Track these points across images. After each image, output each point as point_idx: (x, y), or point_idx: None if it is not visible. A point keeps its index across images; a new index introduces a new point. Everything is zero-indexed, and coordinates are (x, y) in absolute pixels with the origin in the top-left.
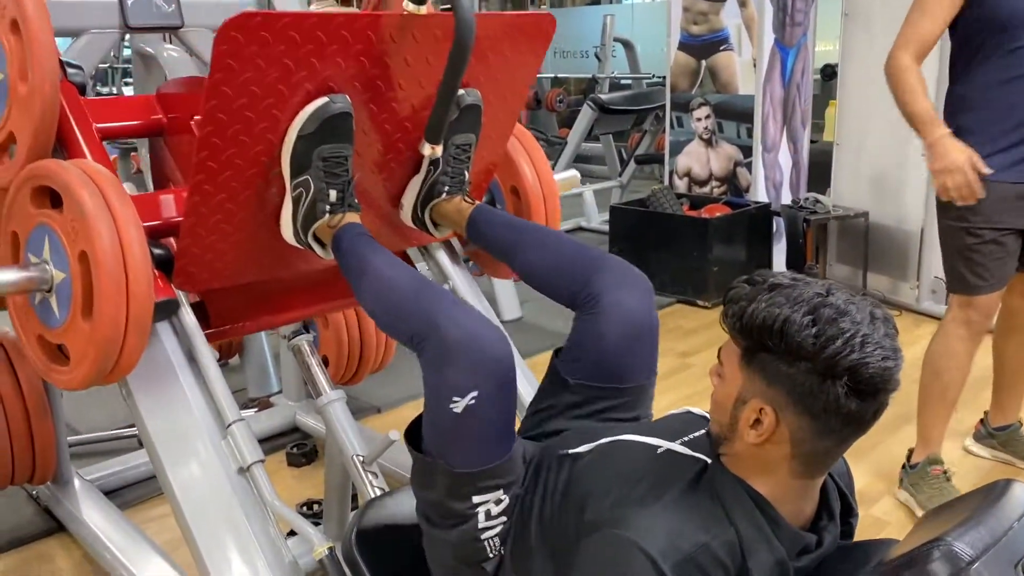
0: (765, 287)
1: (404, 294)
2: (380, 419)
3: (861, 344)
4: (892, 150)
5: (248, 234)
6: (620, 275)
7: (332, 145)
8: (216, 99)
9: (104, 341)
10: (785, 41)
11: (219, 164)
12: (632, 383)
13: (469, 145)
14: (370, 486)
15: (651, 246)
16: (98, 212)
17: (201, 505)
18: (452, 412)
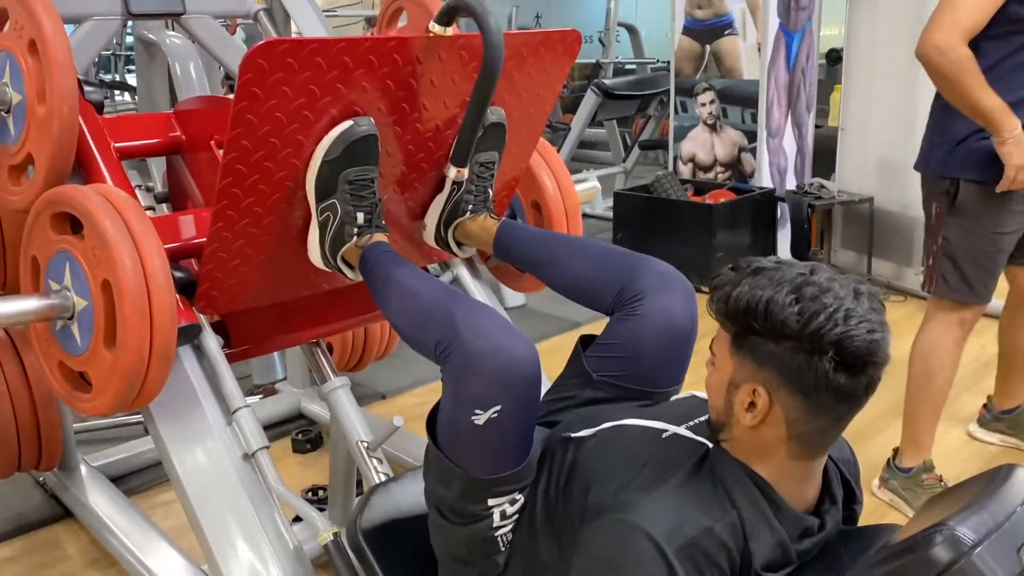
0: (748, 272)
1: (427, 303)
2: (384, 405)
3: (845, 318)
4: (897, 135)
5: (271, 257)
6: (663, 278)
7: (358, 168)
8: (241, 127)
9: (128, 371)
10: (790, 26)
11: (243, 190)
12: (660, 389)
13: (493, 163)
14: (375, 472)
15: (655, 232)
16: (120, 240)
17: (207, 491)
18: (473, 424)
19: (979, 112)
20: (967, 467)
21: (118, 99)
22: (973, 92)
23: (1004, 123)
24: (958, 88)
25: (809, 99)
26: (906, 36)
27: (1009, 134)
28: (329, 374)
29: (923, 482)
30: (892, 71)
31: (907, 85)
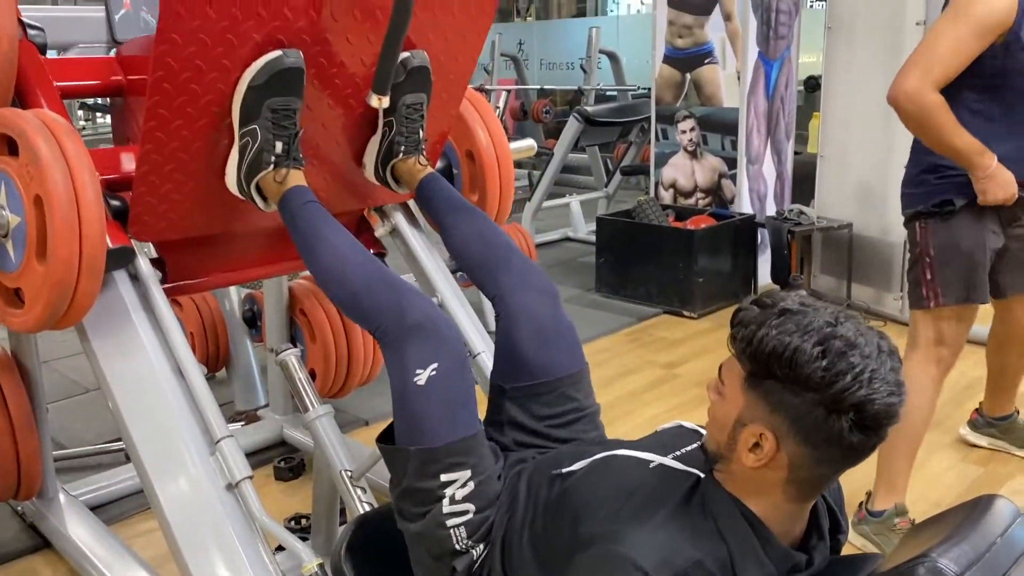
0: (775, 312)
1: (366, 280)
2: (368, 431)
3: (869, 380)
4: (875, 162)
5: (201, 184)
6: (520, 278)
7: (282, 98)
8: (165, 44)
9: (58, 282)
10: (769, 54)
11: (170, 112)
12: (558, 375)
13: (420, 104)
14: (358, 501)
15: (637, 257)
16: (52, 157)
17: (189, 521)
18: (416, 385)
19: (952, 152)
20: (948, 493)
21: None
22: (945, 135)
23: (978, 162)
24: (931, 132)
25: (788, 126)
26: (882, 65)
27: (983, 171)
28: (312, 403)
29: (895, 527)
30: (869, 99)
31: (884, 113)
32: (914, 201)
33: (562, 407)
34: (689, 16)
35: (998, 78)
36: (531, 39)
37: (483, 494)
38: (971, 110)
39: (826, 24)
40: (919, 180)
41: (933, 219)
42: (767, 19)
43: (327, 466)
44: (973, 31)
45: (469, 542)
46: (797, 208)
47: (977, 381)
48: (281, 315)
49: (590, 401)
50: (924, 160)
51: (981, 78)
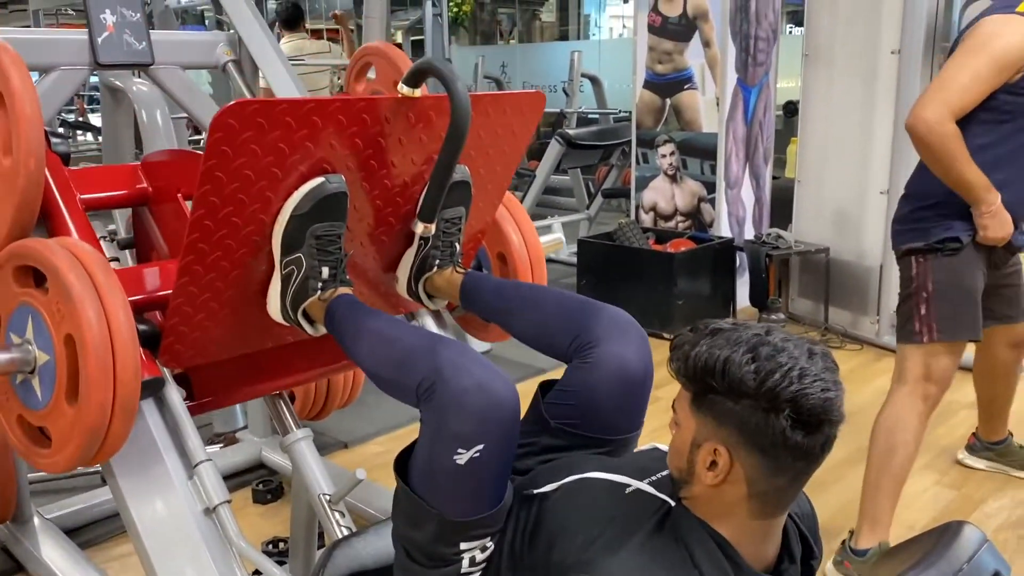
0: (706, 333)
1: (407, 345)
2: (347, 455)
3: (799, 376)
4: (852, 187)
5: (235, 311)
6: (616, 324)
7: (326, 224)
8: (209, 184)
9: (90, 427)
10: (748, 80)
11: (210, 246)
12: (618, 436)
13: (459, 218)
14: (337, 526)
15: (618, 279)
16: (85, 295)
17: (166, 546)
18: (455, 464)
19: (962, 185)
20: (922, 515)
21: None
22: (958, 166)
23: (984, 198)
24: (944, 161)
25: (767, 151)
26: (858, 92)
27: (987, 208)
28: (291, 425)
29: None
30: (846, 125)
31: (861, 139)
32: (913, 237)
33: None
34: (669, 42)
35: (1008, 114)
36: (514, 62)
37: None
38: (977, 144)
39: (804, 52)
40: (919, 216)
41: (933, 255)
42: (746, 46)
43: (305, 490)
44: (991, 66)
45: None
46: (775, 232)
47: (951, 405)
48: None
49: None
50: (923, 196)
51: (992, 112)
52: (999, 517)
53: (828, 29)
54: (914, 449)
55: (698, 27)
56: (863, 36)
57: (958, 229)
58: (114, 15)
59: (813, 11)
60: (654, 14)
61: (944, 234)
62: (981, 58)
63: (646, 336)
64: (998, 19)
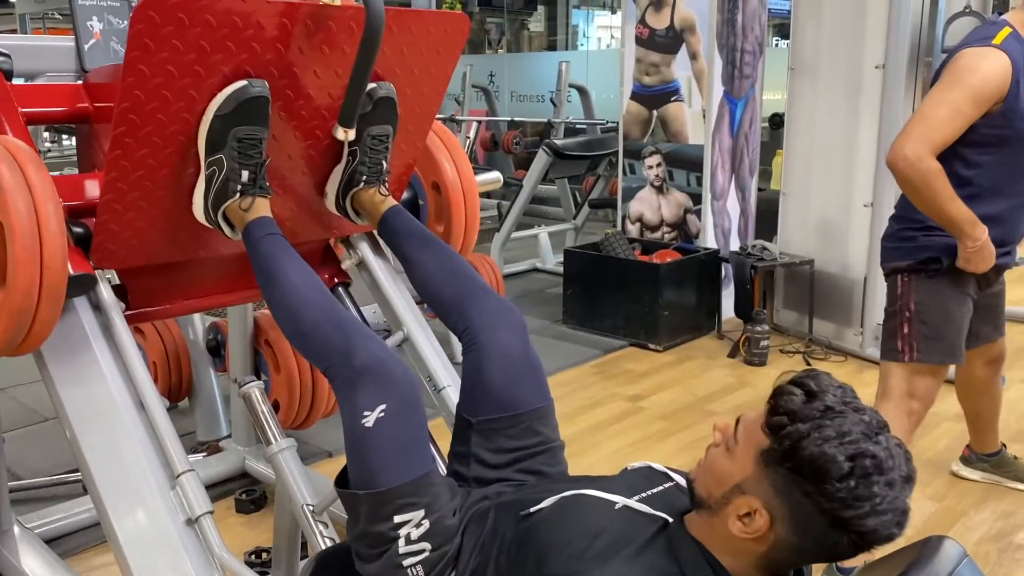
0: (818, 408)
1: (317, 319)
2: (331, 464)
3: (881, 513)
4: (837, 200)
5: (165, 212)
6: (493, 313)
7: (248, 127)
8: (133, 76)
9: (17, 309)
10: (734, 93)
11: (136, 141)
12: (525, 408)
13: (386, 136)
14: (320, 536)
15: (604, 289)
16: (15, 184)
17: (147, 557)
18: (364, 427)
19: (945, 220)
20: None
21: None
22: (940, 201)
23: (970, 233)
24: (926, 197)
25: (752, 164)
26: (843, 106)
27: (972, 243)
28: (275, 436)
29: None
30: (831, 139)
31: (845, 152)
32: (898, 255)
33: (528, 440)
34: (656, 54)
35: (993, 145)
36: (502, 71)
37: (438, 532)
38: (963, 174)
39: (789, 65)
40: (905, 235)
41: (917, 275)
42: (732, 59)
43: (289, 500)
44: (969, 99)
45: None
46: (760, 244)
47: (933, 417)
48: (245, 345)
49: (556, 435)
50: (911, 216)
51: (973, 146)
52: (980, 529)
53: (813, 43)
54: None
55: (685, 40)
56: (848, 50)
57: (939, 251)
58: (101, 22)
59: (799, 25)
60: (641, 26)
61: (926, 254)
62: (959, 92)
63: (522, 321)
64: (975, 52)
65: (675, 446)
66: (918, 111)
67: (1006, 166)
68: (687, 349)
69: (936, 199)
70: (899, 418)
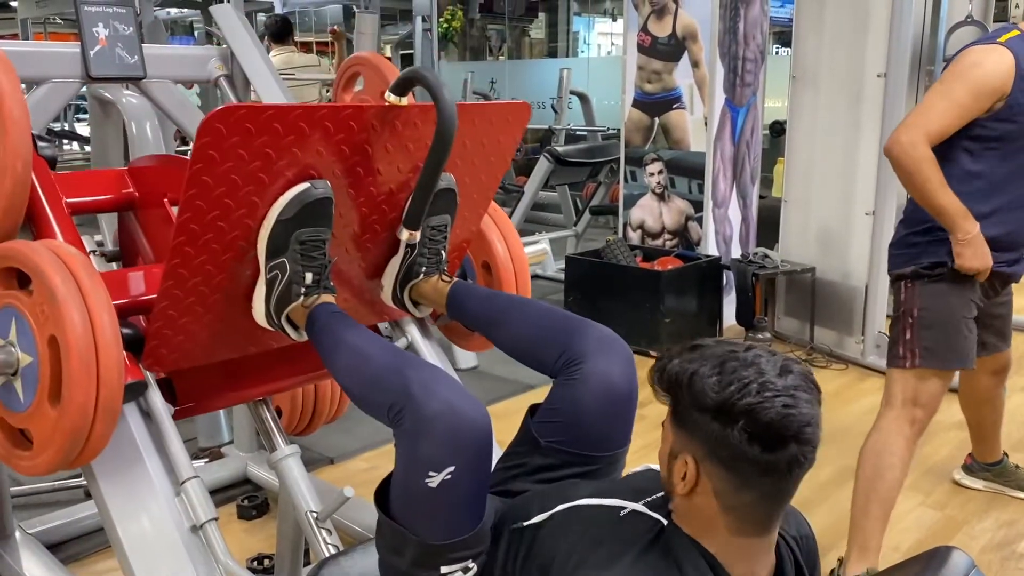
0: (686, 349)
1: (379, 365)
2: (333, 470)
3: (759, 390)
4: (838, 208)
5: (219, 316)
6: (601, 341)
7: (310, 229)
8: (196, 188)
9: (72, 428)
10: (735, 101)
11: (196, 249)
12: (607, 452)
13: (445, 226)
14: (324, 543)
15: (605, 296)
16: (69, 297)
17: (152, 563)
18: (427, 487)
19: (936, 209)
20: (906, 537)
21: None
22: (932, 189)
23: (960, 224)
24: (918, 184)
25: (753, 171)
26: (845, 114)
27: (964, 235)
28: (279, 442)
29: None
30: (832, 147)
31: (847, 160)
32: (902, 261)
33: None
34: (658, 62)
35: (995, 141)
36: (503, 78)
37: (479, 570)
38: (969, 168)
39: (791, 73)
40: (909, 241)
41: (920, 280)
42: (734, 67)
43: (292, 507)
44: (969, 92)
45: None
46: (762, 251)
47: (937, 425)
48: None
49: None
50: (916, 222)
51: (978, 141)
52: (983, 538)
53: (815, 51)
54: (901, 473)
55: (687, 47)
56: (849, 59)
57: (944, 254)
58: (107, 29)
59: (800, 33)
60: (644, 34)
61: (930, 259)
62: (959, 85)
63: (631, 353)
64: (980, 48)
65: None
66: (920, 103)
67: (1012, 163)
68: None
69: (926, 185)
70: (902, 426)
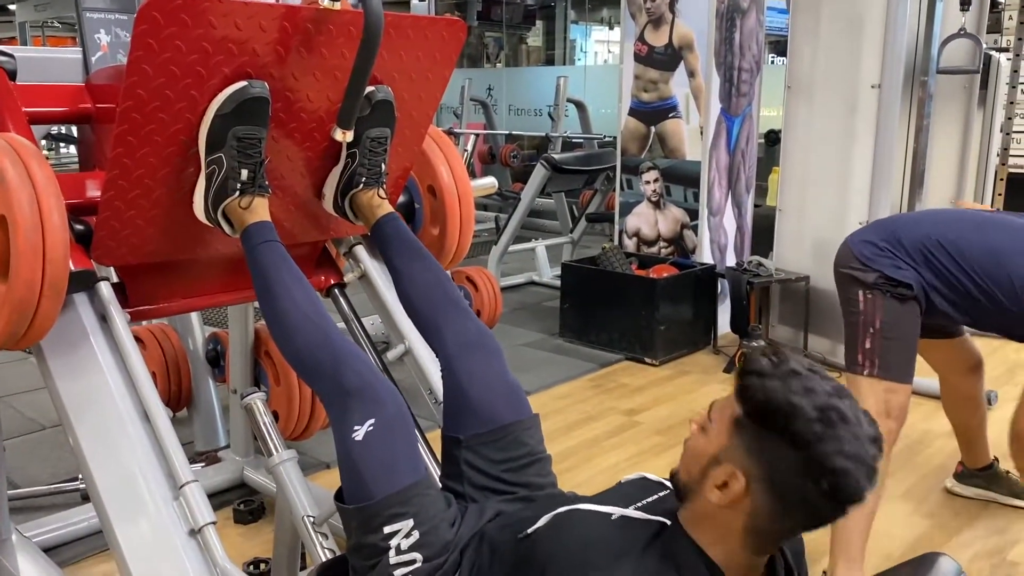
0: (785, 370)
1: (309, 341)
2: (329, 475)
3: (854, 457)
4: (832, 217)
5: (165, 211)
6: (466, 336)
7: (247, 127)
8: (136, 76)
9: (19, 302)
10: (731, 110)
11: (138, 139)
12: (508, 420)
13: (384, 138)
14: (320, 548)
15: (601, 303)
16: (19, 179)
17: (150, 567)
18: (354, 440)
19: None
20: (897, 545)
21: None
22: None
23: None
24: None
25: (748, 180)
26: (839, 124)
27: None
28: (276, 447)
29: None
30: (827, 156)
31: (841, 170)
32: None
33: (516, 452)
34: (655, 71)
35: None
36: (500, 85)
37: (431, 542)
38: None
39: (786, 83)
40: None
41: (879, 292)
42: (729, 77)
43: (289, 511)
44: None
45: None
46: (756, 260)
47: (927, 435)
48: (246, 356)
49: (542, 447)
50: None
51: None
52: (974, 546)
53: (810, 62)
54: (881, 484)
55: (683, 57)
56: (844, 70)
57: (910, 279)
58: (108, 35)
59: (796, 44)
60: (640, 43)
61: (896, 276)
62: None
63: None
64: None
65: (671, 460)
66: None
67: None
68: (683, 364)
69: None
70: None
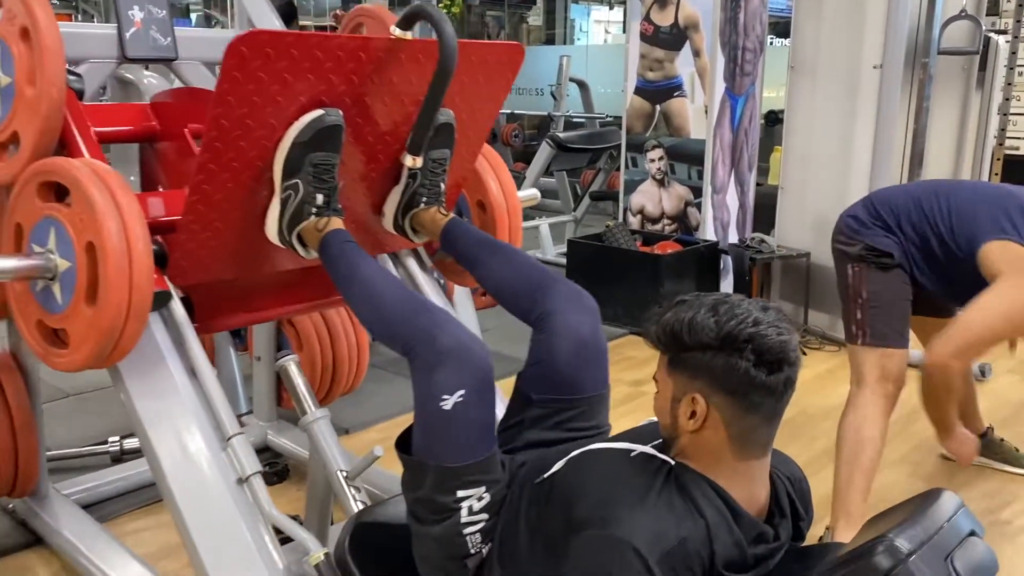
0: (673, 305)
1: (394, 302)
2: (348, 440)
3: (755, 323)
4: (833, 195)
5: (238, 233)
6: (568, 297)
7: (323, 153)
8: (221, 107)
9: (107, 326)
10: (735, 90)
11: (219, 166)
12: (588, 393)
13: (444, 159)
14: (353, 500)
15: (606, 279)
16: (107, 206)
17: (203, 513)
18: (442, 409)
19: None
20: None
21: None
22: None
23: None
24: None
25: (751, 158)
26: (841, 104)
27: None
28: (311, 406)
29: None
30: (828, 136)
31: (842, 149)
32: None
33: (582, 423)
34: (660, 51)
35: None
36: None
37: (495, 503)
38: None
39: (789, 64)
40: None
41: (865, 263)
42: (734, 57)
43: (323, 467)
44: None
45: (481, 545)
46: (758, 237)
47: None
48: (269, 324)
49: (607, 423)
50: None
51: None
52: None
53: (813, 43)
54: (881, 444)
55: (688, 37)
56: (846, 50)
57: (891, 246)
58: (142, 11)
59: (799, 25)
60: (646, 23)
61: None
62: None
63: (596, 308)
64: None
65: None
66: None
67: None
68: None
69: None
70: (877, 400)
